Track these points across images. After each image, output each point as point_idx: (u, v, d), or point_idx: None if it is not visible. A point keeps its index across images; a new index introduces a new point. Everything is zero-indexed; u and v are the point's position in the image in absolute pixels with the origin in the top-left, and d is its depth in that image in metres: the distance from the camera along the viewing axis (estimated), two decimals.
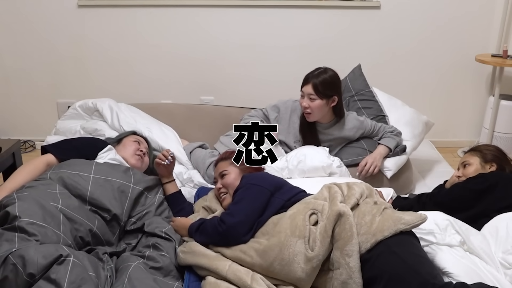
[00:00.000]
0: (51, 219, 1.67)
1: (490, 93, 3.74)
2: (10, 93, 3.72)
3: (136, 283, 1.59)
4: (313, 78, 2.48)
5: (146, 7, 3.55)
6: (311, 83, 2.47)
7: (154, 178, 2.15)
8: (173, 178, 2.18)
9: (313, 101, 2.48)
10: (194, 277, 1.75)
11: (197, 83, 3.72)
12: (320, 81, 2.46)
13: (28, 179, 1.95)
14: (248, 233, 1.77)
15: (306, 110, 2.51)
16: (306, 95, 2.49)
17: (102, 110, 2.72)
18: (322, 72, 2.49)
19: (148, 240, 1.86)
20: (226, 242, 1.77)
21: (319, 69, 2.52)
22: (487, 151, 2.24)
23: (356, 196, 1.78)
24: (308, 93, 2.47)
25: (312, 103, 2.48)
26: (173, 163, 2.15)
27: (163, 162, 2.09)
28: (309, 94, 2.47)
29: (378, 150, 2.59)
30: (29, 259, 1.46)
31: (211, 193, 2.15)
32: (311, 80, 2.47)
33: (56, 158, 2.10)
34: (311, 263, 1.61)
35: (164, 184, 2.14)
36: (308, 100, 2.48)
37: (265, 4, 3.55)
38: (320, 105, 2.49)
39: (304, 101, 2.50)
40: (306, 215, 1.71)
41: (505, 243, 1.79)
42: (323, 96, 2.47)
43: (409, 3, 3.56)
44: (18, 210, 1.63)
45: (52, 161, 2.09)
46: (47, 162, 2.07)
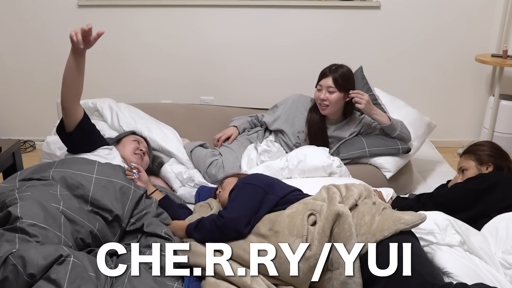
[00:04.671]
0: (53, 221, 1.67)
1: (490, 93, 3.74)
2: (10, 93, 3.72)
3: (136, 283, 1.59)
4: (332, 72, 2.53)
5: (146, 7, 3.55)
6: (331, 76, 2.51)
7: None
8: (154, 189, 2.19)
9: (332, 94, 2.51)
10: (194, 277, 1.75)
11: (197, 83, 3.72)
12: (339, 74, 2.51)
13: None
14: (247, 226, 1.78)
15: (324, 102, 2.54)
16: (324, 88, 2.52)
17: (102, 110, 2.72)
18: (339, 67, 2.55)
19: (148, 240, 1.86)
20: (226, 236, 1.77)
21: (335, 65, 2.57)
22: (481, 152, 2.21)
23: (354, 197, 1.78)
24: (328, 86, 2.51)
25: (330, 95, 2.52)
26: (143, 173, 2.19)
27: (133, 177, 2.13)
28: (329, 87, 2.51)
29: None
30: (29, 259, 1.46)
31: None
32: (331, 74, 2.52)
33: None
34: (308, 262, 1.62)
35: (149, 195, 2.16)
36: (326, 93, 2.52)
37: (265, 4, 3.55)
38: (338, 98, 2.52)
39: (322, 94, 2.53)
40: (304, 215, 1.72)
41: (505, 243, 1.79)
42: (342, 89, 2.52)
43: (409, 3, 3.56)
44: (20, 211, 1.63)
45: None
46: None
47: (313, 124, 2.62)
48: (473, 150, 2.25)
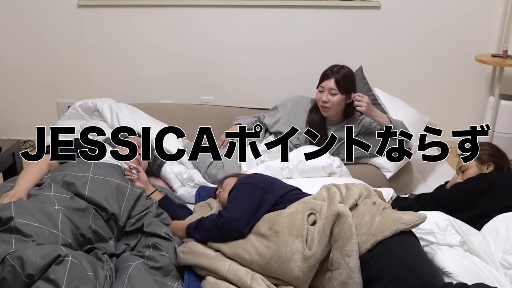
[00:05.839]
0: (48, 220, 1.67)
1: (490, 93, 3.74)
2: (10, 93, 3.72)
3: (136, 283, 1.59)
4: (334, 73, 2.52)
5: (146, 7, 3.54)
6: (334, 78, 2.50)
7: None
8: (153, 189, 2.20)
9: (333, 96, 2.51)
10: (194, 277, 1.75)
11: (197, 83, 3.72)
12: (341, 76, 2.51)
13: (38, 178, 1.97)
14: (247, 225, 1.78)
15: (325, 104, 2.53)
16: (326, 90, 2.52)
17: (102, 110, 2.72)
18: (341, 68, 2.54)
19: (147, 240, 1.86)
20: (226, 235, 1.78)
21: (336, 66, 2.56)
22: (482, 151, 2.21)
23: (354, 196, 1.78)
24: (330, 88, 2.50)
25: (332, 97, 2.51)
26: (142, 173, 2.20)
27: (132, 177, 2.13)
28: (331, 89, 2.50)
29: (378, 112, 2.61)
30: (28, 259, 1.46)
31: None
32: (333, 76, 2.51)
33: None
34: (308, 262, 1.62)
35: (149, 196, 2.16)
36: (328, 95, 2.52)
37: (266, 4, 3.55)
38: (339, 100, 2.52)
39: (324, 96, 2.52)
40: (304, 214, 1.72)
41: (505, 243, 1.79)
42: (343, 91, 2.51)
43: (409, 3, 3.56)
44: (14, 212, 1.63)
45: (53, 162, 2.10)
46: (48, 162, 2.07)
47: (314, 125, 2.61)
48: None
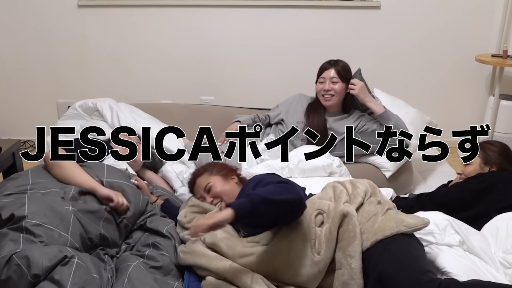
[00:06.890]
0: (60, 221, 1.66)
1: (490, 93, 3.74)
2: (10, 93, 3.72)
3: (136, 283, 1.59)
4: (333, 64, 2.64)
5: (146, 7, 3.54)
6: (334, 68, 2.62)
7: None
8: (155, 198, 2.18)
9: (335, 84, 2.61)
10: (194, 277, 1.75)
11: (197, 83, 3.72)
12: (341, 66, 2.63)
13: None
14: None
15: (328, 92, 2.62)
16: (328, 79, 2.61)
17: (102, 110, 2.72)
18: (339, 61, 2.66)
19: (147, 239, 1.86)
20: (296, 192, 1.61)
21: (333, 59, 2.67)
22: (490, 151, 2.18)
23: (361, 195, 1.78)
24: (331, 77, 2.60)
25: (334, 85, 2.61)
26: (143, 186, 2.13)
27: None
28: (332, 78, 2.60)
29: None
30: (34, 260, 1.46)
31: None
32: (333, 66, 2.63)
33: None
34: (318, 266, 1.62)
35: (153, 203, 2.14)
36: (330, 84, 2.61)
37: (265, 4, 3.55)
38: (342, 88, 2.63)
39: (326, 85, 2.61)
40: (312, 215, 1.70)
41: (505, 243, 1.79)
42: (344, 80, 2.62)
43: (409, 3, 3.56)
44: (28, 211, 1.62)
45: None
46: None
47: (312, 114, 2.66)
48: (483, 147, 2.21)
